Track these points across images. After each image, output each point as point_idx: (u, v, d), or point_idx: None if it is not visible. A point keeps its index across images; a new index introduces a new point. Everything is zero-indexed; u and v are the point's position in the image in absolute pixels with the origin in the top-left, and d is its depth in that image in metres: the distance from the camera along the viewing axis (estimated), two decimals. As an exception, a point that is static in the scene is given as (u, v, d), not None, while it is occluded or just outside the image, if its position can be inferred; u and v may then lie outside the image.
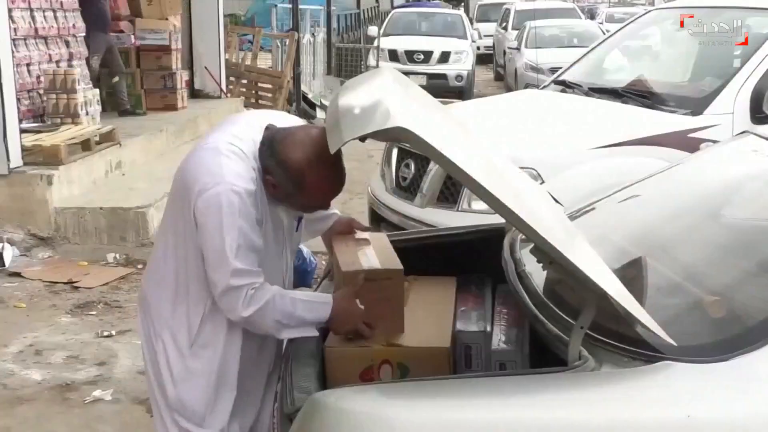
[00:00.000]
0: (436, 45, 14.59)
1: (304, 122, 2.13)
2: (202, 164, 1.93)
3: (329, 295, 2.02)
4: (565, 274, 1.63)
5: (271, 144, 1.94)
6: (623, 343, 1.59)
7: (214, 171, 1.89)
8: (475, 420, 1.49)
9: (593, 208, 2.54)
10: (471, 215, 3.69)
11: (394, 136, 1.54)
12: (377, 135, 1.53)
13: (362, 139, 1.54)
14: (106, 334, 4.18)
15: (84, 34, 7.46)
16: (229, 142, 1.94)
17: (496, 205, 1.50)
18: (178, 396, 2.05)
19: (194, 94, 9.72)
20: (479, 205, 3.69)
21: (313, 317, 1.97)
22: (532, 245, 1.67)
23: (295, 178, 1.92)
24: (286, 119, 2.11)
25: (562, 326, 1.69)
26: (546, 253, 1.60)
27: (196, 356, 2.04)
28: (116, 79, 7.94)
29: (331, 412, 1.52)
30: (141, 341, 2.16)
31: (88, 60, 7.55)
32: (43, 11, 6.94)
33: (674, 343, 1.55)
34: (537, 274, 1.93)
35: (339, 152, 1.88)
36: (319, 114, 11.62)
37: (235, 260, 1.87)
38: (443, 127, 1.74)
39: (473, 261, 2.44)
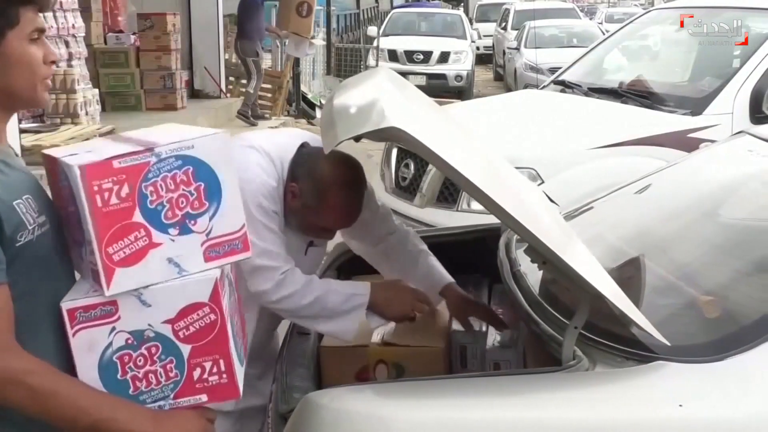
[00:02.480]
0: (436, 45, 14.57)
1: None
2: None
3: (367, 284, 1.99)
4: (559, 274, 1.63)
5: (309, 156, 1.99)
6: (617, 343, 1.59)
7: (240, 165, 1.89)
8: (469, 420, 1.49)
9: (590, 208, 2.55)
10: (470, 215, 3.69)
11: (389, 136, 1.55)
12: (372, 135, 1.53)
13: (357, 139, 1.54)
14: (104, 334, 4.18)
15: (84, 34, 7.63)
16: (265, 139, 2.02)
17: (489, 204, 1.50)
18: None
19: (194, 94, 9.74)
20: (478, 205, 3.69)
21: (348, 306, 1.94)
22: (526, 245, 1.67)
23: (320, 191, 1.95)
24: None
25: (557, 326, 1.69)
26: (540, 253, 1.60)
27: None
28: (251, 85, 8.96)
29: (325, 411, 1.52)
30: None
31: (245, 61, 8.81)
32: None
33: (668, 343, 1.55)
34: (532, 273, 1.93)
35: (364, 188, 1.99)
36: (319, 114, 11.62)
37: (258, 239, 1.83)
38: (439, 128, 1.74)
39: (470, 261, 2.44)
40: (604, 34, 10.33)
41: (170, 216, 1.33)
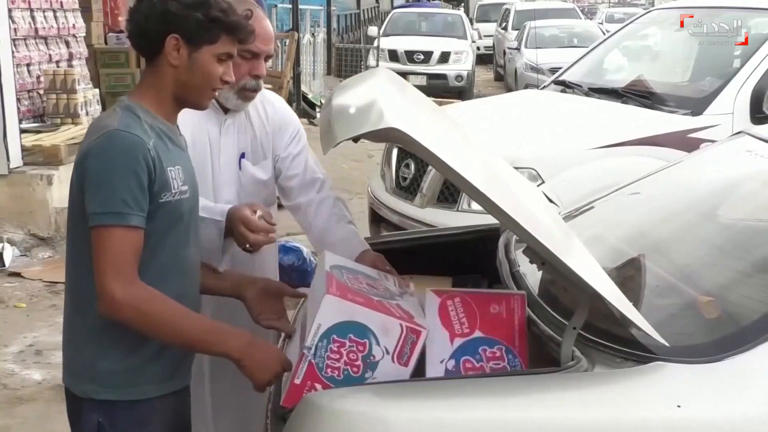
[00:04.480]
0: (436, 45, 14.58)
1: None
2: None
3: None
4: (557, 275, 1.63)
5: None
6: (616, 344, 1.59)
7: None
8: (468, 420, 1.49)
9: (590, 208, 2.55)
10: (470, 215, 3.69)
11: (387, 136, 1.54)
12: (371, 135, 1.53)
13: (355, 139, 1.54)
14: (105, 334, 4.19)
15: (84, 34, 7.64)
16: None
17: (488, 205, 1.50)
18: None
19: (195, 94, 9.75)
20: (479, 205, 3.69)
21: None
22: (525, 246, 1.68)
23: None
24: None
25: (555, 326, 1.69)
26: (538, 254, 1.60)
27: None
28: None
29: (324, 412, 1.52)
30: None
31: None
32: (43, 11, 6.96)
33: (666, 344, 1.55)
34: (531, 274, 1.93)
35: None
36: (320, 114, 11.63)
37: None
38: (437, 129, 1.74)
39: (469, 261, 2.44)
40: (604, 34, 10.33)
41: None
